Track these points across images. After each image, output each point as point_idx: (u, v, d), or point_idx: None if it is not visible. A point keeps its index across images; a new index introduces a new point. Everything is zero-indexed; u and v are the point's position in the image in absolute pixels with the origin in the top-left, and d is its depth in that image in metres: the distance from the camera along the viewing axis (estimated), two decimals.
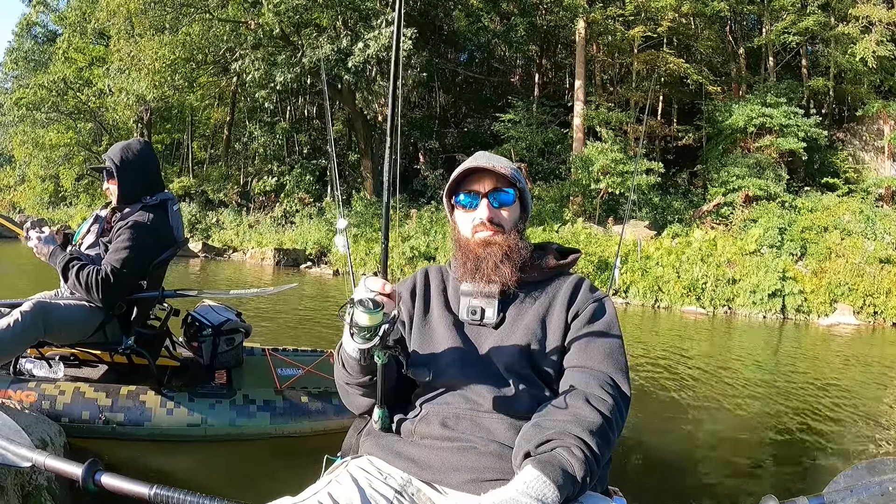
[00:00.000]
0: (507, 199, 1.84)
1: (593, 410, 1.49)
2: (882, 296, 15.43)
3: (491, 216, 1.82)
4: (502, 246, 1.78)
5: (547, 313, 1.76)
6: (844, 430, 5.49)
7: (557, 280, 1.84)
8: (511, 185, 1.83)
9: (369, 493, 1.48)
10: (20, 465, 1.23)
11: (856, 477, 1.47)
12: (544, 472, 1.33)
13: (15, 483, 2.37)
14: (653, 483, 4.04)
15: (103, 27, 26.21)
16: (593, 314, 1.74)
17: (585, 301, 1.76)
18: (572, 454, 1.38)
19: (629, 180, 19.68)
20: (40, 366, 3.73)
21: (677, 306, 15.82)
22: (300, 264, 20.72)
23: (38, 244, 3.37)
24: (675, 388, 6.74)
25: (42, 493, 2.52)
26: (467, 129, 29.32)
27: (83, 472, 1.13)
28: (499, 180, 1.83)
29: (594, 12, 22.52)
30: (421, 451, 1.61)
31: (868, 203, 20.00)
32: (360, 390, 1.72)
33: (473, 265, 1.80)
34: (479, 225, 1.83)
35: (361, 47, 20.32)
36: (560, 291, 1.79)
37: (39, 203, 36.42)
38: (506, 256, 1.77)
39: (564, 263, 1.88)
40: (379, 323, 1.44)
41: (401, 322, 1.89)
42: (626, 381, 1.64)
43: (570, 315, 1.74)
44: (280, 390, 3.96)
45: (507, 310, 1.78)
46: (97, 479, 1.14)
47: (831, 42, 22.97)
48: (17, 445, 1.24)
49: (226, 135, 32.66)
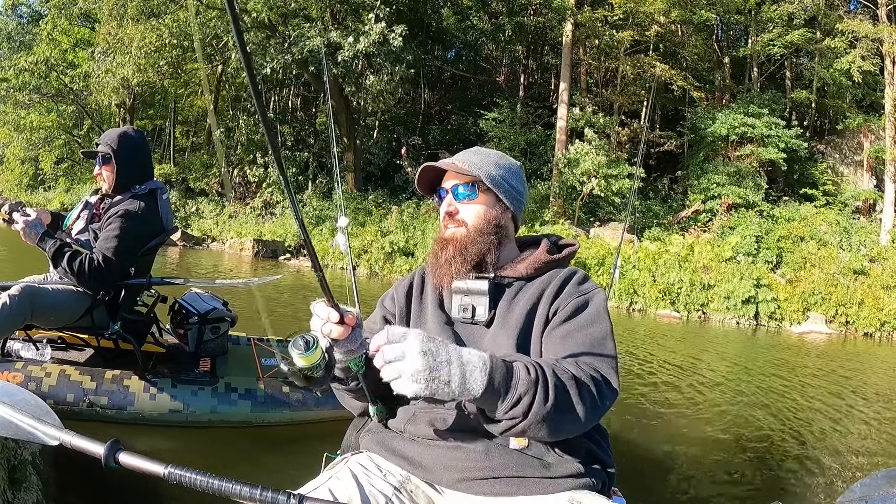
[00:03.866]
0: (465, 195, 1.80)
1: (564, 369, 1.42)
2: (854, 306, 15.70)
3: (450, 211, 1.81)
4: (460, 241, 1.76)
5: (533, 309, 1.70)
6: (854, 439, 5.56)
7: (550, 274, 1.78)
8: (471, 182, 1.80)
9: (368, 490, 1.49)
10: (48, 443, 1.29)
11: (873, 486, 1.42)
12: (491, 361, 1.30)
13: (2, 456, 2.42)
14: (655, 485, 4.06)
15: (90, 9, 25.96)
16: (576, 308, 1.65)
17: (570, 295, 1.69)
18: (527, 371, 1.34)
19: (615, 184, 19.82)
20: (28, 348, 3.75)
21: (652, 310, 16.00)
22: (279, 256, 20.67)
23: (26, 228, 3.34)
24: (672, 389, 6.84)
25: (27, 468, 2.57)
26: (451, 126, 29.29)
27: (106, 450, 1.18)
28: (459, 177, 1.81)
29: (582, 15, 22.61)
30: (415, 449, 1.61)
31: (845, 215, 20.32)
32: (350, 394, 1.72)
33: (434, 260, 1.81)
34: (443, 219, 1.84)
35: (351, 41, 20.29)
36: (549, 286, 1.73)
37: (18, 186, 36.01)
38: (459, 251, 1.75)
39: (558, 258, 1.83)
40: (317, 362, 1.38)
41: (385, 320, 1.89)
42: (610, 370, 1.53)
43: (552, 310, 1.67)
44: (262, 379, 4.01)
45: (498, 306, 1.74)
46: (117, 457, 1.19)
47: (816, 56, 23.18)
48: (46, 425, 1.29)
49: (208, 123, 32.44)
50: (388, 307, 1.92)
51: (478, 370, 1.28)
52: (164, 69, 23.77)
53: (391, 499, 1.50)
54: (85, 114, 32.19)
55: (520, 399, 1.31)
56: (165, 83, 28.18)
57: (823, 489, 4.18)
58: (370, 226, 20.59)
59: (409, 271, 17.17)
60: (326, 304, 1.41)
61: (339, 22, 22.26)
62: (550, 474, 1.52)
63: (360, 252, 19.26)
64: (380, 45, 20.43)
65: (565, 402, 1.37)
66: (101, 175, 3.68)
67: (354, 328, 1.44)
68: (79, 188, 30.40)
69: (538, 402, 1.32)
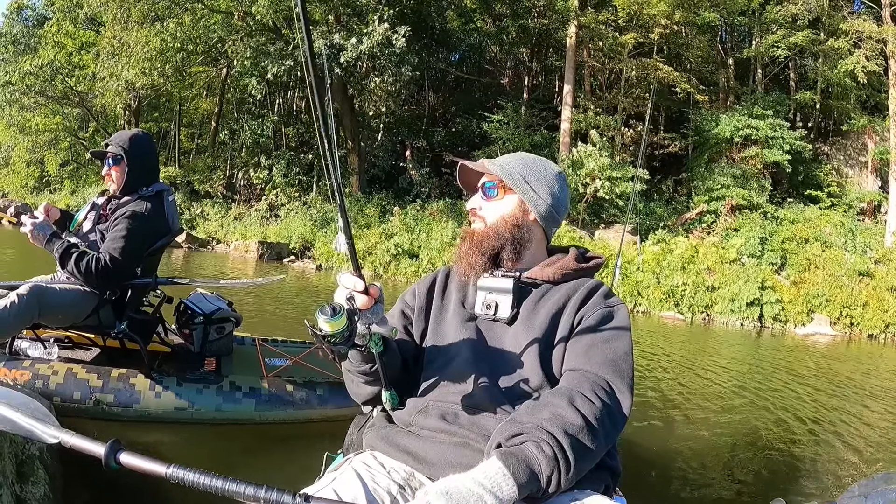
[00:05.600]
0: (490, 193, 1.88)
1: (574, 411, 1.42)
2: (859, 307, 15.66)
3: (473, 207, 1.90)
4: (476, 236, 1.84)
5: (559, 313, 1.73)
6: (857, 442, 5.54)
7: (576, 283, 1.82)
8: (495, 181, 1.87)
9: (373, 488, 1.48)
10: (48, 442, 1.29)
11: (871, 486, 1.43)
12: (506, 464, 1.29)
13: (10, 451, 2.46)
14: (656, 483, 4.08)
15: (95, 13, 26.05)
16: (601, 320, 1.68)
17: (596, 306, 1.72)
18: (541, 450, 1.33)
19: (618, 185, 19.81)
20: (35, 346, 3.78)
21: (656, 311, 15.99)
22: (283, 258, 20.70)
23: (34, 230, 3.38)
24: (675, 389, 6.86)
25: (35, 462, 2.61)
26: (455, 128, 29.27)
27: (106, 450, 1.18)
28: (489, 176, 1.89)
29: (586, 17, 22.63)
30: (420, 444, 1.61)
31: (850, 216, 20.28)
32: (362, 378, 1.74)
33: (456, 251, 1.88)
34: (469, 214, 1.92)
35: (354, 43, 20.32)
36: (575, 294, 1.77)
37: (24, 188, 36.11)
38: (476, 245, 1.82)
39: (586, 267, 1.88)
40: (342, 329, 1.41)
41: (402, 314, 1.94)
42: (626, 390, 1.56)
43: (577, 318, 1.70)
44: (266, 378, 4.05)
45: (523, 305, 1.78)
46: (118, 457, 1.18)
47: (820, 57, 23.15)
48: (46, 425, 1.30)
49: (213, 126, 32.52)
50: (409, 302, 1.96)
51: (502, 480, 1.27)
52: (169, 72, 23.82)
53: (396, 497, 1.50)
54: (90, 116, 32.32)
55: (549, 481, 1.33)
56: (170, 86, 28.23)
57: (824, 489, 4.20)
58: (374, 228, 20.60)
59: (414, 273, 17.16)
60: (353, 274, 1.48)
61: (343, 25, 22.31)
62: None
63: (364, 254, 19.27)
64: (383, 46, 20.47)
65: (585, 453, 1.39)
66: (109, 175, 3.71)
67: (377, 301, 1.50)
68: (84, 190, 30.51)
69: (564, 472, 1.34)
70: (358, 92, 23.98)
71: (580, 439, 1.38)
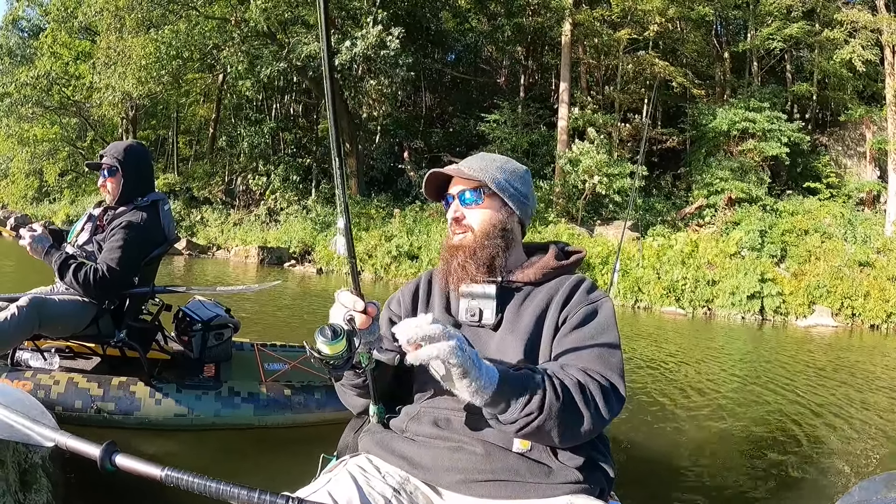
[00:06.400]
0: (471, 200, 1.82)
1: (570, 377, 1.47)
2: (860, 298, 15.68)
3: (457, 217, 1.84)
4: (468, 247, 1.78)
5: (542, 315, 1.72)
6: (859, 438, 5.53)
7: (558, 280, 1.80)
8: (477, 187, 1.82)
9: (367, 492, 1.48)
10: (43, 444, 1.29)
11: (872, 489, 1.41)
12: (500, 372, 1.37)
13: (13, 459, 2.48)
14: (651, 487, 4.06)
15: (90, 22, 26.06)
16: (585, 317, 1.68)
17: (579, 304, 1.71)
18: (534, 371, 1.41)
19: (616, 181, 19.80)
20: (36, 357, 3.83)
21: (657, 307, 16.02)
22: (284, 262, 20.77)
23: (32, 243, 3.42)
24: (672, 389, 6.82)
25: (37, 470, 2.64)
26: (453, 129, 29.26)
27: (101, 452, 1.18)
28: (465, 182, 1.83)
29: (580, 14, 22.64)
30: (415, 449, 1.62)
31: (849, 207, 20.29)
32: (354, 391, 1.74)
33: (445, 266, 1.82)
34: (450, 225, 1.87)
35: (348, 45, 20.34)
36: (557, 293, 1.75)
37: (23, 199, 36.14)
38: (470, 256, 1.77)
39: (566, 264, 1.85)
40: (342, 352, 1.38)
41: (390, 322, 1.87)
42: (619, 379, 1.57)
43: (562, 318, 1.70)
44: (264, 383, 4.08)
45: (506, 310, 1.76)
46: (113, 459, 1.19)
47: (816, 48, 23.13)
48: (41, 426, 1.31)
49: (211, 132, 32.56)
50: (395, 310, 1.94)
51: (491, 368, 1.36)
52: (165, 80, 23.83)
53: (391, 500, 1.50)
54: (88, 125, 32.33)
55: (533, 395, 1.37)
56: (167, 94, 28.23)
57: (824, 490, 4.18)
58: (374, 230, 20.62)
59: (414, 274, 17.16)
60: (352, 293, 1.45)
61: (338, 28, 22.32)
62: (551, 479, 1.54)
63: (364, 256, 19.30)
64: (377, 48, 20.47)
65: (573, 404, 1.43)
66: (105, 187, 3.74)
67: (374, 320, 1.48)
68: (83, 200, 30.53)
69: (550, 397, 1.38)
70: (353, 95, 23.99)
71: (571, 391, 1.44)
